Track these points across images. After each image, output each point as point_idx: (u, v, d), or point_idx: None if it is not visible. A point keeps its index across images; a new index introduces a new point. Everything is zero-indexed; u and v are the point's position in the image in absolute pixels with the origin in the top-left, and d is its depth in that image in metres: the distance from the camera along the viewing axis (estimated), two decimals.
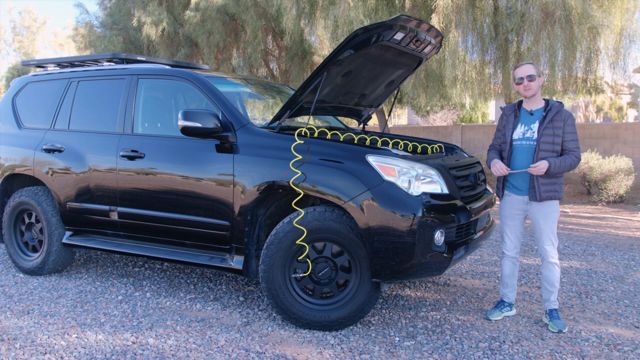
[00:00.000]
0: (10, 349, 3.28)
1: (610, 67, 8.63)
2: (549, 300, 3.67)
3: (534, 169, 3.47)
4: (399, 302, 4.13)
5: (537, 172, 3.47)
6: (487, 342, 3.38)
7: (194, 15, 11.95)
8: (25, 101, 5.14)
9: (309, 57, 12.31)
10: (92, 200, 4.44)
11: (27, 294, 4.36)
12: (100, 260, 5.43)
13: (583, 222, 7.83)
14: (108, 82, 4.65)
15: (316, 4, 9.46)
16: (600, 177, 9.55)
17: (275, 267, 3.53)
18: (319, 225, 3.44)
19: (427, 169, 3.47)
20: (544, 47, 8.21)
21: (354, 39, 3.48)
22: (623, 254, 5.75)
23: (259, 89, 5.28)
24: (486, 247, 5.96)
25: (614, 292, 4.43)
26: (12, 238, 5.01)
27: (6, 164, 5.03)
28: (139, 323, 3.70)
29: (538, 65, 8.30)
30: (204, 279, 4.74)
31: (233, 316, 3.84)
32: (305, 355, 3.20)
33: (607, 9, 8.12)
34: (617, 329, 3.63)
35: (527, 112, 3.66)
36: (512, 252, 3.79)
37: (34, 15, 42.34)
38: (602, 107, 28.67)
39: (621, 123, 14.45)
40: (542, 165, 3.44)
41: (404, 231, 3.24)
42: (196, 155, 3.91)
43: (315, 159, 3.50)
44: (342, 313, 3.49)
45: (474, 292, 4.40)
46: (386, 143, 4.24)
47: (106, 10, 15.41)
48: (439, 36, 4.18)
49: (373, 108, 4.90)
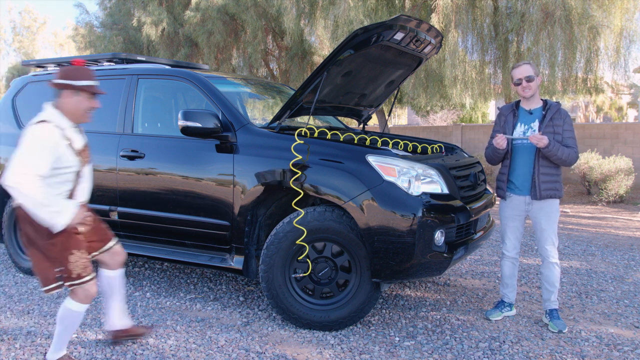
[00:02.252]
0: (10, 349, 3.28)
1: (610, 67, 8.64)
2: (549, 300, 3.67)
3: (535, 137, 3.44)
4: (399, 302, 4.13)
5: (537, 142, 3.44)
6: (487, 342, 3.38)
7: (194, 15, 11.95)
8: (25, 101, 5.13)
9: (309, 57, 12.31)
10: (91, 200, 4.42)
11: (27, 294, 4.36)
12: None
13: (583, 222, 7.83)
14: (108, 82, 4.64)
15: (316, 4, 9.46)
16: (600, 177, 9.55)
17: (275, 267, 3.53)
18: (319, 225, 3.44)
19: (427, 169, 3.47)
20: (544, 47, 8.21)
21: (354, 39, 3.48)
22: (623, 254, 5.75)
23: (259, 89, 5.28)
24: (486, 247, 5.96)
25: (614, 292, 4.43)
26: (12, 238, 5.00)
27: (6, 164, 5.03)
28: (139, 323, 3.70)
29: (537, 65, 8.35)
30: (204, 279, 4.74)
31: (233, 316, 3.84)
32: (305, 355, 3.20)
33: (607, 9, 8.12)
34: (617, 329, 3.63)
35: (526, 112, 3.66)
36: (512, 252, 3.79)
37: (34, 15, 42.34)
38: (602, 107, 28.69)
39: (621, 123, 14.46)
40: (544, 137, 3.42)
41: (404, 231, 3.24)
42: (196, 155, 3.91)
43: (315, 159, 3.51)
44: (342, 313, 3.49)
45: (474, 292, 4.40)
46: (386, 143, 4.24)
47: (106, 10, 15.41)
48: (439, 36, 4.18)
49: (373, 108, 4.90)
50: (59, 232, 2.74)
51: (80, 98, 2.84)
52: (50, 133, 2.72)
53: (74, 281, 2.79)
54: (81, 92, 2.83)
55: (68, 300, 2.87)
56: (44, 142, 2.69)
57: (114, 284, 3.23)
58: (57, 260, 2.76)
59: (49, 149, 2.69)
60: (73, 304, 2.86)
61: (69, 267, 2.76)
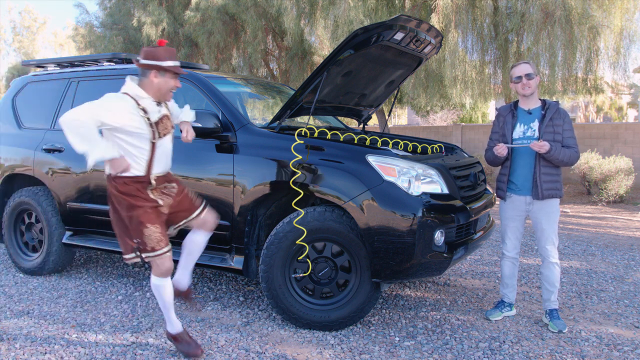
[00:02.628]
0: (10, 349, 3.28)
1: (610, 67, 8.64)
2: (549, 300, 3.67)
3: (536, 145, 3.45)
4: (399, 302, 4.13)
5: (539, 149, 3.44)
6: (487, 342, 3.38)
7: (194, 15, 11.95)
8: (25, 101, 5.13)
9: (309, 57, 12.31)
10: (92, 200, 4.44)
11: (27, 294, 4.36)
12: (100, 260, 5.43)
13: (583, 222, 7.84)
14: (108, 82, 4.64)
15: (316, 4, 9.46)
16: (600, 177, 9.55)
17: (275, 267, 3.53)
18: (319, 225, 3.44)
19: (427, 169, 3.47)
20: (544, 47, 8.21)
21: (354, 39, 3.48)
22: (623, 254, 5.75)
23: (259, 89, 5.28)
24: (486, 247, 5.96)
25: (614, 292, 4.43)
26: (12, 238, 5.01)
27: (6, 164, 5.03)
28: (139, 323, 3.70)
29: (537, 65, 8.36)
30: (204, 279, 4.74)
31: (233, 316, 3.84)
32: (305, 355, 3.20)
33: (607, 9, 8.12)
34: (617, 329, 3.63)
35: (525, 112, 3.66)
36: (512, 252, 3.79)
37: (34, 15, 42.32)
38: (602, 107, 28.69)
39: (621, 123, 14.46)
40: (545, 143, 3.43)
41: (404, 231, 3.24)
42: (196, 155, 3.91)
43: (315, 159, 3.50)
44: (342, 313, 3.49)
45: (474, 292, 4.40)
46: (386, 143, 4.24)
47: (106, 10, 15.40)
48: (439, 36, 4.18)
49: (373, 108, 4.90)
50: (136, 207, 2.90)
51: (166, 78, 2.93)
52: (122, 99, 2.84)
53: (148, 253, 2.94)
54: (166, 72, 2.91)
55: (152, 276, 3.04)
56: (111, 102, 2.81)
57: (199, 242, 3.28)
58: (135, 232, 2.92)
59: (117, 111, 2.79)
60: (154, 278, 3.03)
61: (143, 240, 2.92)
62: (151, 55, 2.89)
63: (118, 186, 2.92)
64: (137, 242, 2.93)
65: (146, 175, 2.95)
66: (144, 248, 2.94)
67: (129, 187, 2.91)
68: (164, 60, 2.89)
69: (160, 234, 2.96)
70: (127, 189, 2.91)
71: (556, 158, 3.47)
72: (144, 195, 2.94)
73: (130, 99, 2.86)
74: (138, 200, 2.92)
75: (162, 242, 2.97)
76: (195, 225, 3.24)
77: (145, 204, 2.93)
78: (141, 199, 2.93)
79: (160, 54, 2.89)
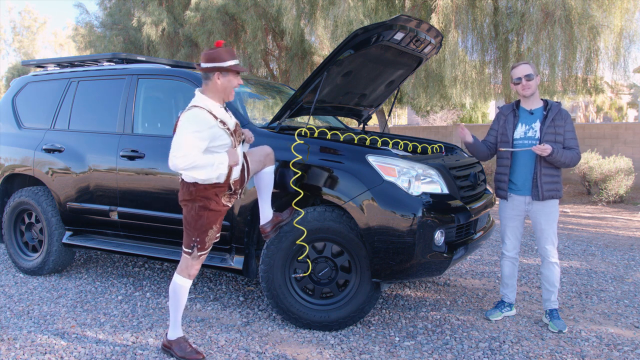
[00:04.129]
0: (10, 349, 3.28)
1: (610, 67, 8.64)
2: (549, 300, 3.67)
3: (538, 148, 3.45)
4: (399, 302, 4.13)
5: (541, 152, 3.45)
6: (487, 342, 3.38)
7: (194, 15, 11.94)
8: (25, 101, 5.13)
9: (309, 57, 12.30)
10: (92, 200, 4.44)
11: (27, 294, 4.36)
12: (100, 260, 5.43)
13: (583, 222, 7.84)
14: (108, 82, 4.64)
15: (316, 4, 9.46)
16: (600, 177, 9.55)
17: (275, 267, 3.53)
18: (319, 225, 3.44)
19: (427, 169, 3.47)
20: (544, 47, 8.21)
21: (354, 39, 3.48)
22: (623, 254, 5.75)
23: (259, 89, 5.28)
24: (486, 247, 5.96)
25: (614, 292, 4.43)
26: (12, 238, 5.01)
27: (6, 164, 5.03)
28: (139, 323, 3.70)
29: (537, 65, 8.35)
30: (204, 279, 4.74)
31: (233, 316, 3.84)
32: (305, 355, 3.20)
33: (607, 9, 8.12)
34: (617, 329, 3.63)
35: (527, 112, 3.66)
36: (512, 252, 3.79)
37: (34, 15, 42.30)
38: (602, 107, 28.67)
39: (621, 123, 14.46)
40: (547, 146, 3.43)
41: (404, 231, 3.24)
42: None
43: (315, 159, 3.50)
44: (342, 313, 3.49)
45: (474, 292, 4.40)
46: (386, 143, 4.24)
47: (106, 10, 15.40)
48: (439, 36, 4.18)
49: (373, 108, 4.90)
50: (209, 210, 3.03)
51: (229, 77, 3.00)
52: (203, 115, 2.88)
53: (202, 252, 3.10)
54: (229, 72, 2.97)
55: (177, 276, 3.13)
56: (198, 123, 2.86)
57: (268, 178, 3.40)
58: (198, 231, 3.05)
59: (204, 129, 2.86)
60: (179, 278, 3.12)
61: (204, 239, 3.07)
62: (212, 58, 2.94)
63: (197, 191, 3.00)
64: (196, 240, 3.07)
65: (226, 181, 3.05)
66: (202, 246, 3.08)
67: (207, 192, 3.01)
68: (226, 61, 2.95)
69: (215, 238, 3.16)
70: (206, 194, 3.01)
71: (558, 160, 3.48)
72: (218, 199, 3.05)
73: (206, 113, 2.91)
74: (211, 203, 3.03)
75: (210, 245, 3.14)
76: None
77: (217, 207, 3.06)
78: (215, 202, 3.04)
79: (222, 55, 2.95)
